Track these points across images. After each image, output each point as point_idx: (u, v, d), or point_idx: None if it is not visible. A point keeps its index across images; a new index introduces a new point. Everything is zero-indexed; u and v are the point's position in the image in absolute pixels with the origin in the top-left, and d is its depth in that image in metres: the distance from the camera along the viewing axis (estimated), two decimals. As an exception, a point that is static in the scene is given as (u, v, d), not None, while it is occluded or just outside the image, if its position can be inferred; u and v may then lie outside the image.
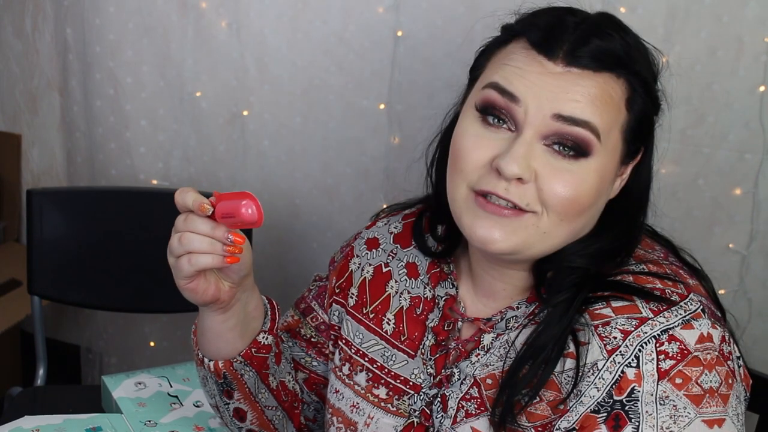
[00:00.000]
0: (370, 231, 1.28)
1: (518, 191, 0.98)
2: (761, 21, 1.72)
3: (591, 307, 1.02)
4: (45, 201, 1.94)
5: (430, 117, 2.02)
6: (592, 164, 0.99)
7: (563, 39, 0.99)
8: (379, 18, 1.98)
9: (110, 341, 2.53)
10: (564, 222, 1.00)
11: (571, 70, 0.98)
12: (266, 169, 2.20)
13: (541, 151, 0.98)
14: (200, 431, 1.44)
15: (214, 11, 2.11)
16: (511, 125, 1.00)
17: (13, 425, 1.41)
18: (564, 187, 0.98)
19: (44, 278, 1.96)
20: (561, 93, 0.97)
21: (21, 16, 2.46)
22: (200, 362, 1.17)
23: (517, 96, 0.99)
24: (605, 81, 0.99)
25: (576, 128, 0.97)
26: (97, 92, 2.28)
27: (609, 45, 0.99)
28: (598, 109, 0.98)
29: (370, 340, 1.20)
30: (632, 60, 1.01)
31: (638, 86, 1.01)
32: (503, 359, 1.07)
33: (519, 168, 0.97)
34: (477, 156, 1.01)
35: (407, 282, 1.19)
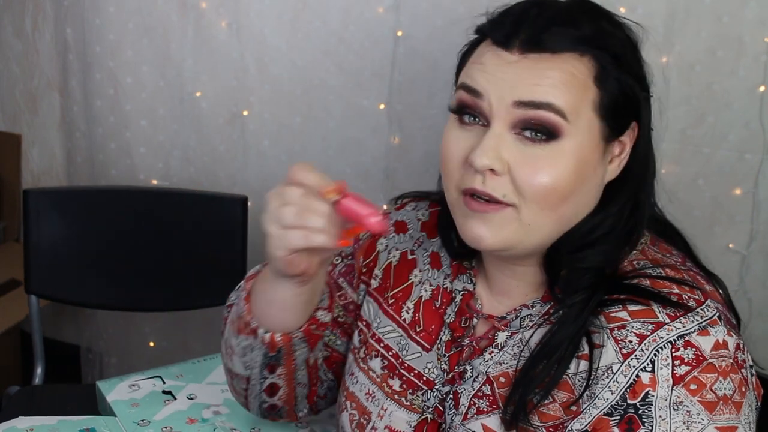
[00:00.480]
0: (400, 214, 1.25)
1: (493, 183, 0.99)
2: (761, 21, 1.72)
3: (607, 309, 1.01)
4: (42, 201, 1.94)
5: (430, 117, 2.03)
6: (565, 146, 0.98)
7: (520, 30, 0.99)
8: (379, 18, 1.98)
9: (110, 341, 2.53)
10: (546, 210, 1.00)
11: (528, 56, 0.98)
12: (266, 169, 2.20)
13: (511, 140, 0.99)
14: (193, 423, 1.44)
15: (214, 11, 2.11)
16: (483, 120, 1.01)
17: (7, 425, 1.41)
18: (537, 173, 0.98)
19: (42, 278, 1.96)
20: (519, 80, 0.98)
21: (21, 16, 2.47)
22: (251, 332, 1.13)
23: (479, 90, 1.00)
24: (565, 61, 0.98)
25: (539, 111, 0.97)
26: (97, 92, 2.29)
27: (571, 28, 1.00)
28: (559, 89, 0.97)
29: (388, 326, 1.20)
30: (597, 37, 1.00)
31: (608, 62, 1.00)
32: (517, 358, 1.07)
33: (488, 159, 0.97)
34: (456, 155, 1.02)
35: (430, 272, 1.19)
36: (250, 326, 1.13)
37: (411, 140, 2.05)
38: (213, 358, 1.69)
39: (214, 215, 1.99)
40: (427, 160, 2.04)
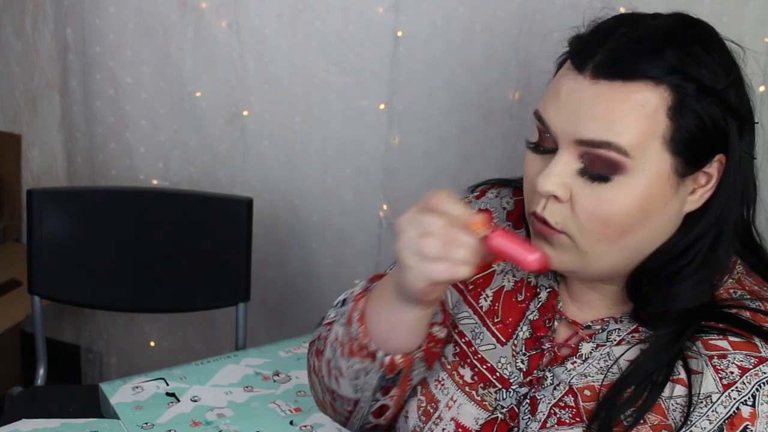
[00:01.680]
0: (481, 202, 1.22)
1: (552, 209, 0.99)
2: (761, 21, 1.72)
3: (705, 336, 1.00)
4: (45, 201, 1.94)
5: (430, 117, 2.03)
6: (629, 182, 0.96)
7: (597, 51, 0.97)
8: (379, 18, 1.98)
9: (110, 341, 2.53)
10: (604, 242, 0.99)
11: (598, 82, 0.95)
12: (266, 169, 2.20)
13: (577, 169, 0.98)
14: (197, 426, 1.44)
15: (214, 11, 2.11)
16: (555, 146, 1.00)
17: (10, 428, 1.42)
18: (596, 207, 0.97)
19: (44, 278, 1.96)
20: (582, 114, 0.96)
21: (21, 16, 2.46)
22: (368, 355, 1.07)
23: (547, 124, 0.99)
24: (636, 90, 0.94)
25: (598, 150, 0.95)
26: (97, 92, 2.29)
27: (650, 54, 0.95)
28: (623, 124, 0.94)
29: (464, 312, 1.17)
30: (681, 65, 0.95)
31: (690, 93, 0.95)
32: (604, 373, 1.04)
33: (551, 185, 0.97)
34: (529, 178, 1.03)
35: None
36: (367, 349, 1.07)
37: (411, 140, 2.05)
38: (216, 359, 1.70)
39: (219, 216, 1.98)
40: (427, 160, 2.05)
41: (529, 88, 1.91)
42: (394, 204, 2.11)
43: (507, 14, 1.88)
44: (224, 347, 2.31)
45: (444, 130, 2.01)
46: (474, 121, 1.97)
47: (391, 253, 2.15)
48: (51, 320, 2.61)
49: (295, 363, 1.72)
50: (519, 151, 1.97)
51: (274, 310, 2.32)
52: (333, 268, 2.22)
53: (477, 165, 1.99)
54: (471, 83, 1.95)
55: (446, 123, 2.00)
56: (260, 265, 2.20)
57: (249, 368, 1.69)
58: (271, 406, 1.58)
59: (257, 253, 2.06)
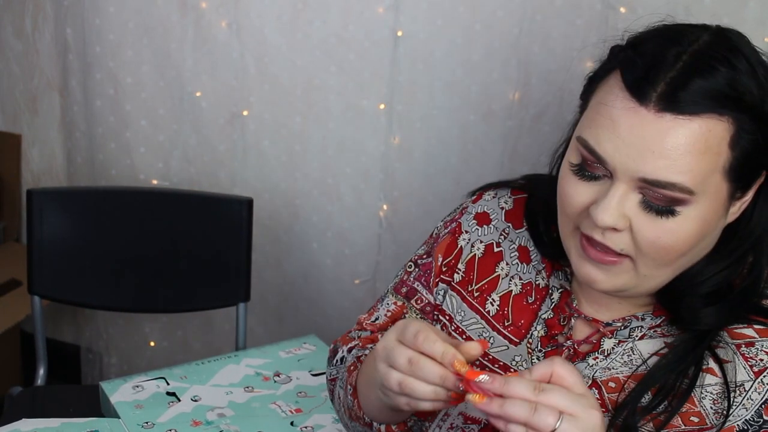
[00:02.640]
0: (478, 205, 1.22)
1: (613, 238, 0.97)
2: (761, 21, 1.72)
3: (730, 325, 1.02)
4: (45, 201, 1.94)
5: (430, 117, 2.03)
6: (690, 214, 0.95)
7: (658, 79, 0.93)
8: (379, 18, 1.98)
9: (110, 341, 2.53)
10: (662, 266, 0.99)
11: (664, 116, 0.92)
12: (266, 169, 2.20)
13: (635, 199, 0.96)
14: (198, 425, 1.44)
15: (214, 11, 2.11)
16: (606, 173, 0.97)
17: (11, 428, 1.42)
18: (657, 238, 0.96)
19: (44, 278, 1.96)
20: (647, 151, 0.92)
21: (21, 16, 2.46)
22: (366, 425, 1.13)
23: (603, 158, 0.95)
24: (703, 125, 0.92)
25: (663, 190, 0.93)
26: (97, 92, 2.29)
27: (712, 84, 0.92)
28: (690, 162, 0.92)
29: (471, 318, 1.17)
30: (739, 94, 0.93)
31: (746, 119, 0.94)
32: (628, 365, 1.06)
33: (611, 218, 0.95)
34: (576, 202, 1.00)
35: (519, 266, 1.16)
36: (363, 420, 1.12)
37: (411, 140, 2.05)
38: (216, 359, 1.70)
39: (219, 216, 1.98)
40: (427, 160, 2.05)
41: (529, 88, 1.91)
42: (394, 204, 2.11)
43: (507, 14, 1.88)
44: (224, 347, 2.31)
45: (444, 130, 2.01)
46: (474, 121, 1.97)
47: (390, 253, 2.16)
48: (51, 320, 2.61)
49: (295, 364, 1.73)
50: (519, 151, 1.98)
51: (274, 310, 2.32)
52: (333, 268, 2.22)
53: (477, 165, 1.99)
54: (471, 83, 1.95)
55: (446, 123, 2.00)
56: (260, 265, 2.20)
57: (249, 368, 1.69)
58: (272, 407, 1.58)
59: (257, 253, 2.06)
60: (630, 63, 0.96)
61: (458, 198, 2.03)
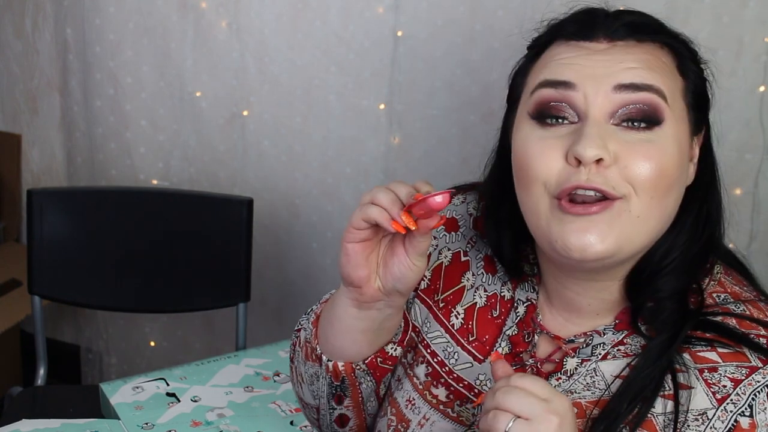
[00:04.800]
0: (447, 209, 1.18)
1: (601, 176, 0.93)
2: (761, 21, 1.72)
3: (693, 347, 0.98)
4: (45, 201, 1.94)
5: (430, 117, 2.03)
6: (668, 131, 0.95)
7: (597, 22, 0.99)
8: (379, 18, 1.98)
9: (110, 341, 2.53)
10: (654, 200, 0.95)
11: (616, 43, 0.97)
12: (266, 169, 2.20)
13: (613, 131, 0.94)
14: (198, 426, 1.44)
15: (214, 11, 2.11)
16: (573, 117, 0.96)
17: (10, 428, 1.42)
18: (648, 159, 0.93)
19: (44, 278, 1.96)
20: (614, 64, 0.95)
21: (21, 16, 2.46)
22: (316, 359, 1.10)
23: (571, 82, 0.96)
24: (651, 49, 0.98)
25: (641, 93, 0.94)
26: (97, 92, 2.29)
27: (642, 18, 1.00)
28: (655, 72, 0.96)
29: (436, 331, 1.13)
30: (671, 32, 1.01)
31: (684, 53, 1.00)
32: (590, 389, 1.02)
33: (597, 147, 0.92)
34: (548, 158, 0.96)
35: (484, 277, 1.12)
36: (315, 352, 1.10)
37: (411, 140, 2.05)
38: (216, 359, 1.70)
39: (219, 216, 1.98)
40: (427, 160, 2.05)
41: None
42: (394, 204, 2.10)
43: (507, 14, 1.88)
44: (224, 347, 2.31)
45: (444, 130, 2.01)
46: (474, 121, 1.97)
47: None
48: (51, 320, 2.61)
49: (295, 363, 1.72)
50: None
51: (273, 310, 2.33)
52: (333, 268, 2.22)
53: (477, 165, 1.98)
54: (471, 83, 1.95)
55: (446, 123, 2.00)
56: (260, 265, 2.20)
57: (249, 368, 1.69)
58: (272, 407, 1.58)
59: (257, 253, 2.06)
60: (564, 25, 1.01)
61: (458, 198, 2.05)
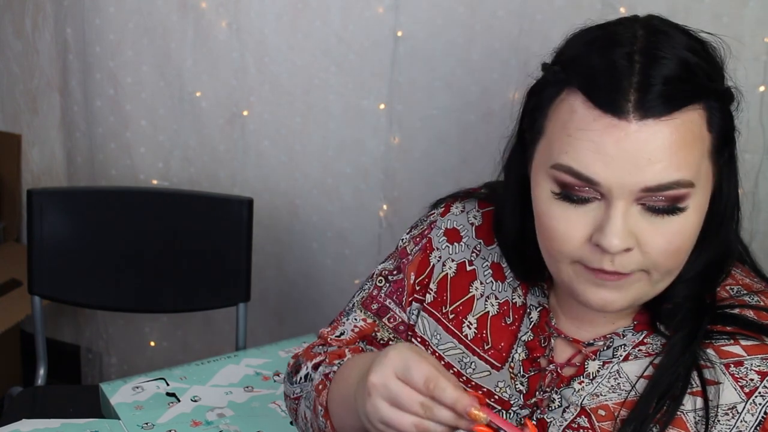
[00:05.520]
0: (447, 220, 1.17)
1: (622, 260, 0.92)
2: (761, 21, 1.72)
3: (716, 342, 0.99)
4: (45, 201, 1.94)
5: (430, 117, 2.03)
6: (691, 207, 0.92)
7: (625, 87, 0.89)
8: (379, 18, 1.98)
9: (110, 341, 2.53)
10: (675, 268, 0.96)
11: (647, 122, 0.88)
12: (266, 169, 2.20)
13: (637, 212, 0.91)
14: (197, 425, 1.44)
15: (214, 11, 2.11)
16: (597, 196, 0.92)
17: (10, 428, 1.42)
18: (669, 243, 0.92)
19: (44, 278, 1.96)
20: (641, 160, 0.88)
21: (21, 16, 2.46)
22: None
23: (596, 180, 0.90)
24: (684, 118, 0.90)
25: (668, 192, 0.90)
26: (97, 92, 2.29)
27: (676, 77, 0.89)
28: (683, 156, 0.89)
29: (448, 343, 1.12)
30: (697, 77, 0.91)
31: (712, 100, 0.93)
32: (616, 390, 1.01)
33: (623, 241, 0.90)
34: (572, 236, 0.94)
35: (493, 285, 1.11)
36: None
37: (411, 140, 2.05)
38: (216, 359, 1.70)
39: (219, 216, 1.99)
40: (427, 160, 2.05)
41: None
42: (394, 204, 2.11)
43: (507, 14, 1.88)
44: (224, 347, 2.31)
45: (444, 130, 2.01)
46: (474, 121, 1.97)
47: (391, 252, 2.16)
48: (51, 320, 2.61)
49: (295, 363, 1.73)
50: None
51: (274, 310, 2.33)
52: (333, 268, 2.22)
53: (477, 165, 1.99)
54: (471, 83, 1.95)
55: (446, 123, 2.00)
56: (260, 265, 2.20)
57: (249, 368, 1.69)
58: (272, 406, 1.58)
59: (257, 253, 2.06)
60: (584, 76, 0.92)
61: (458, 198, 2.05)
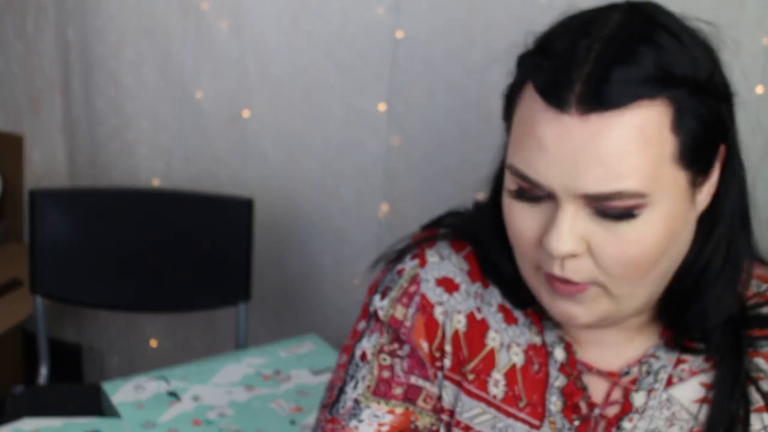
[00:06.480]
0: (431, 270, 1.03)
1: (573, 266, 0.85)
2: (759, 22, 1.73)
3: (761, 349, 0.93)
4: (47, 201, 1.95)
5: (430, 118, 2.04)
6: (651, 217, 0.83)
7: (572, 78, 0.81)
8: (379, 19, 1.99)
9: (112, 340, 2.54)
10: (635, 281, 0.87)
11: (589, 117, 0.80)
12: (267, 169, 2.20)
13: (587, 215, 0.84)
14: (198, 425, 1.44)
15: (214, 12, 2.12)
16: (549, 194, 0.85)
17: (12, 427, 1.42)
18: (623, 250, 0.84)
19: (46, 278, 1.97)
20: (581, 163, 0.80)
21: (23, 17, 2.47)
22: None
23: (538, 182, 0.84)
24: (636, 116, 0.80)
25: (609, 202, 0.82)
26: (98, 93, 2.29)
27: (634, 68, 0.80)
28: (633, 162, 0.80)
29: (474, 409, 0.99)
30: (667, 70, 0.81)
31: (684, 96, 0.82)
32: (673, 422, 0.93)
33: (566, 245, 0.83)
34: (527, 236, 0.88)
35: (510, 330, 1.00)
36: None
37: (411, 141, 2.05)
38: (217, 359, 1.70)
39: (220, 216, 1.99)
40: (427, 161, 2.05)
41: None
42: (394, 204, 2.11)
43: (507, 15, 1.88)
44: (225, 347, 2.32)
45: (444, 131, 2.01)
46: (474, 122, 1.98)
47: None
48: (53, 320, 2.61)
49: (295, 363, 1.73)
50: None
51: (274, 310, 2.33)
52: (333, 268, 2.22)
53: (477, 166, 1.99)
54: (471, 84, 1.95)
55: (446, 124, 2.01)
56: (261, 264, 2.21)
57: (250, 368, 1.69)
58: (272, 406, 1.58)
59: (258, 253, 2.07)
60: (537, 68, 0.85)
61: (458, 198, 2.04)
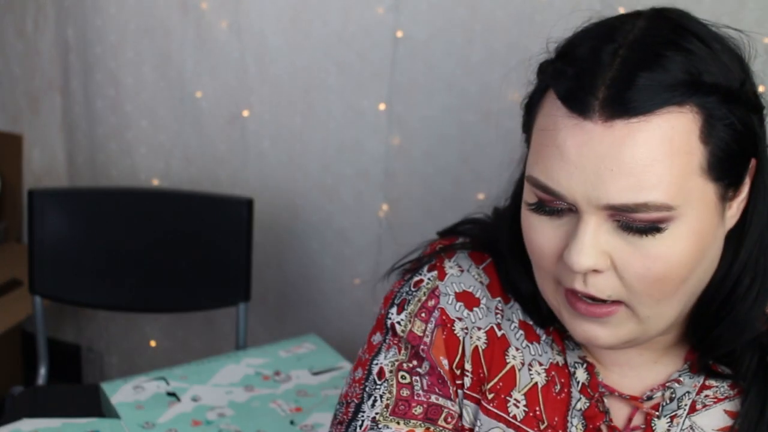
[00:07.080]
0: (450, 283, 0.98)
1: (596, 282, 0.82)
2: (759, 22, 1.73)
3: None
4: (46, 201, 1.95)
5: (430, 117, 2.04)
6: (678, 231, 0.79)
7: (596, 83, 0.78)
8: (379, 18, 1.99)
9: (111, 341, 2.54)
10: (664, 300, 0.83)
11: (614, 124, 0.76)
12: (266, 169, 2.20)
13: (611, 228, 0.80)
14: (198, 425, 1.44)
15: (214, 12, 2.12)
16: (571, 207, 0.82)
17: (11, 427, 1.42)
18: (648, 266, 0.80)
19: (45, 278, 1.97)
20: (604, 172, 0.77)
21: (22, 17, 2.47)
22: None
23: (559, 193, 0.80)
24: (663, 123, 0.76)
25: (634, 215, 0.78)
26: (98, 93, 2.29)
27: (661, 74, 0.77)
28: (659, 173, 0.76)
29: (493, 429, 0.94)
30: (696, 76, 0.78)
31: (715, 104, 0.78)
32: None
33: (588, 259, 0.80)
34: (548, 250, 0.84)
35: (531, 349, 0.96)
36: None
37: (411, 141, 2.05)
38: (217, 359, 1.70)
39: (220, 216, 1.99)
40: (427, 161, 2.05)
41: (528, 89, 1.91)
42: (394, 204, 2.11)
43: (507, 14, 1.88)
44: (225, 347, 2.32)
45: (444, 131, 2.01)
46: (474, 122, 1.98)
47: (390, 253, 2.16)
48: (52, 320, 2.61)
49: (295, 363, 1.73)
50: (519, 152, 1.98)
51: (274, 310, 2.33)
52: (333, 268, 2.22)
53: (477, 165, 1.99)
54: (471, 83, 1.95)
55: (446, 123, 2.01)
56: (260, 264, 2.21)
57: (249, 368, 1.69)
58: (272, 406, 1.58)
59: (257, 253, 2.07)
60: (559, 74, 0.82)
61: (458, 198, 2.05)
